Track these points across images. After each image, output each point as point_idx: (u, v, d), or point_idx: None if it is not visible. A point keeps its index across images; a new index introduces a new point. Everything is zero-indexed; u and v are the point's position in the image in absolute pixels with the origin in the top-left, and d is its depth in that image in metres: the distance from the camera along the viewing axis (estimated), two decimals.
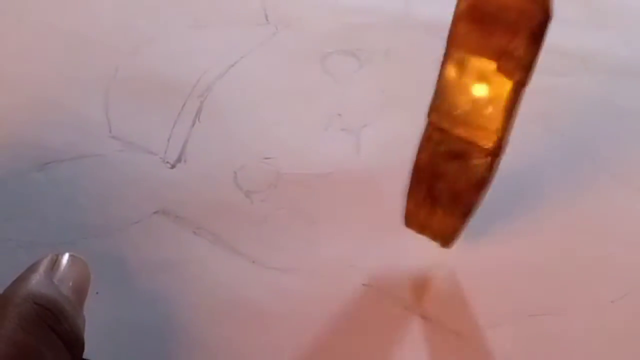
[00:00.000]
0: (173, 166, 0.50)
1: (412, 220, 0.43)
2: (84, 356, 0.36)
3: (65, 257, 0.37)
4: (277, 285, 0.44)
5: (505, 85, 0.37)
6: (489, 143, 0.38)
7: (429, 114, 0.40)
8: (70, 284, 0.37)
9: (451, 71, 0.39)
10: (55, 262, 0.37)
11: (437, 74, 0.42)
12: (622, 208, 0.47)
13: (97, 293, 0.39)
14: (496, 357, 0.42)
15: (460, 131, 0.39)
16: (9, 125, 0.52)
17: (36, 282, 0.35)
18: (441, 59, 0.51)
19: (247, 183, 0.48)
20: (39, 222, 0.47)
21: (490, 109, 0.38)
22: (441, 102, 0.40)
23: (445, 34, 0.49)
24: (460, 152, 0.40)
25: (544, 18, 0.36)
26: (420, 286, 0.44)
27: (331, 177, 0.49)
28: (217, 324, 0.43)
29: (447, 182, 0.41)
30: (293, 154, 0.49)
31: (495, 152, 0.39)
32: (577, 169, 0.49)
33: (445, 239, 0.43)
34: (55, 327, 0.34)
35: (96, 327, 0.38)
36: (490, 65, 0.37)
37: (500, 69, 0.37)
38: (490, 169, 0.39)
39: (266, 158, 0.49)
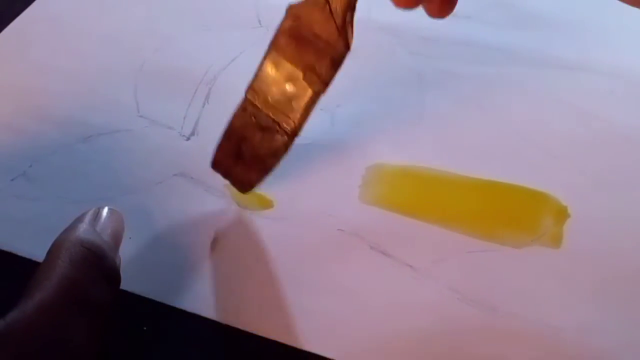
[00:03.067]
0: (188, 139, 0.50)
1: (218, 166, 0.45)
2: (121, 287, 0.36)
3: (105, 210, 0.38)
4: (271, 231, 0.45)
5: (307, 91, 0.40)
6: (289, 127, 0.41)
7: (247, 92, 0.42)
8: (109, 231, 0.37)
9: (269, 67, 0.41)
10: (97, 214, 0.37)
11: (392, 65, 0.43)
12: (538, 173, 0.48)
13: (130, 238, 0.39)
14: (441, 285, 0.42)
15: (269, 112, 0.42)
16: (60, 108, 0.52)
17: (83, 230, 0.36)
18: (395, 53, 0.51)
19: None
20: (84, 183, 0.47)
21: (294, 104, 0.41)
22: (258, 87, 0.42)
23: (398, 34, 0.49)
24: (267, 127, 0.42)
25: (345, 50, 0.39)
26: (381, 230, 0.44)
27: (312, 145, 0.49)
28: (223, 261, 0.43)
29: (252, 146, 0.43)
30: None
31: (293, 134, 0.42)
32: (500, 135, 0.50)
33: (244, 187, 0.45)
34: (98, 265, 0.35)
35: (130, 264, 0.38)
36: (299, 74, 0.40)
37: (305, 79, 0.40)
38: (287, 145, 0.42)
39: None
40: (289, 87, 0.41)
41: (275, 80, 0.41)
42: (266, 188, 0.46)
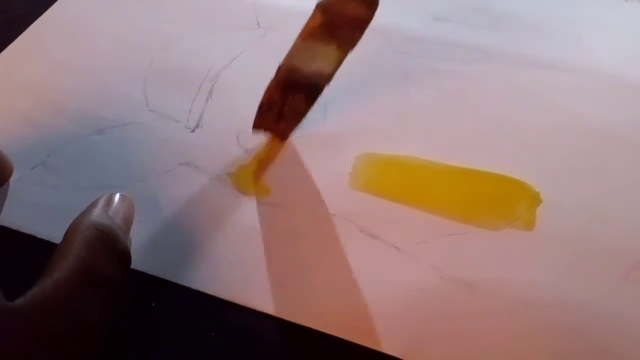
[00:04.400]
0: (193, 131, 0.50)
1: (259, 127, 0.47)
2: (131, 267, 0.36)
3: (117, 196, 0.38)
4: (270, 215, 0.45)
5: (340, 54, 0.43)
6: (322, 81, 0.44)
7: (281, 68, 0.44)
8: (121, 215, 0.37)
9: (302, 47, 0.43)
10: (110, 199, 0.38)
11: (380, 63, 0.43)
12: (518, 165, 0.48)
13: (139, 221, 0.39)
14: (424, 264, 0.42)
15: (305, 80, 0.44)
16: (76, 102, 0.52)
17: (96, 214, 0.36)
18: (383, 53, 0.51)
19: (246, 142, 0.48)
20: (98, 171, 0.47)
21: (327, 60, 0.43)
22: (291, 63, 0.43)
23: (386, 35, 0.49)
24: (303, 87, 0.44)
25: (372, 15, 0.41)
26: (370, 214, 0.45)
27: (305, 137, 0.49)
28: (224, 243, 0.43)
29: (293, 105, 0.45)
30: None
31: (327, 83, 0.45)
32: (478, 127, 0.50)
33: (284, 137, 0.48)
34: (110, 246, 0.35)
35: (139, 246, 0.38)
36: (332, 47, 0.42)
37: (337, 49, 0.42)
38: (321, 91, 0.45)
39: None
40: (321, 54, 0.43)
41: (308, 58, 0.43)
42: (264, 176, 0.47)
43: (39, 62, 0.55)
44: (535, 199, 0.45)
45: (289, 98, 0.45)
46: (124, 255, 0.35)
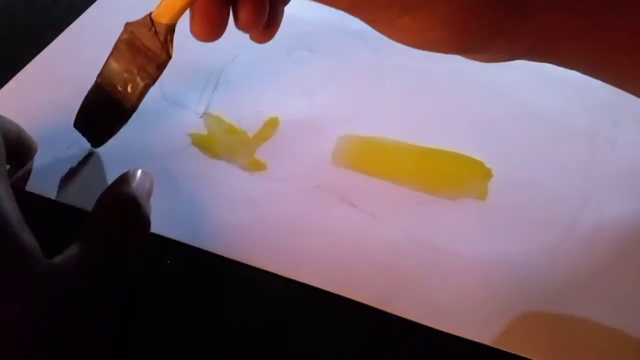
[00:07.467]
0: (201, 117, 0.50)
1: (77, 125, 0.46)
2: (150, 230, 0.37)
3: (139, 171, 0.39)
4: (265, 187, 0.45)
5: (140, 83, 0.41)
6: (128, 105, 0.43)
7: (98, 77, 0.43)
8: (142, 187, 0.38)
9: (113, 63, 0.42)
10: (133, 174, 0.38)
11: (358, 60, 0.43)
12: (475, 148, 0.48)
13: (157, 192, 0.40)
14: (395, 228, 0.43)
15: (113, 94, 0.43)
16: None
17: (122, 186, 0.36)
18: (361, 51, 0.51)
19: (247, 127, 0.49)
20: (122, 150, 0.47)
21: (129, 90, 0.42)
22: (106, 75, 0.43)
23: (364, 36, 0.49)
24: (112, 103, 0.43)
25: (167, 59, 0.40)
26: (349, 186, 0.45)
27: (295, 122, 0.49)
28: (229, 209, 0.44)
29: (101, 115, 0.45)
30: (274, 109, 0.49)
31: (132, 110, 0.43)
32: (441, 113, 0.50)
33: (96, 145, 0.47)
34: (133, 213, 0.36)
35: (157, 212, 0.38)
36: (134, 70, 0.41)
37: (138, 74, 0.41)
38: (127, 117, 0.44)
39: (257, 111, 0.49)
40: (126, 77, 0.42)
41: (117, 72, 0.42)
42: (261, 155, 0.47)
43: (74, 58, 0.55)
44: (487, 174, 0.46)
45: (101, 107, 0.44)
46: (145, 221, 0.36)
